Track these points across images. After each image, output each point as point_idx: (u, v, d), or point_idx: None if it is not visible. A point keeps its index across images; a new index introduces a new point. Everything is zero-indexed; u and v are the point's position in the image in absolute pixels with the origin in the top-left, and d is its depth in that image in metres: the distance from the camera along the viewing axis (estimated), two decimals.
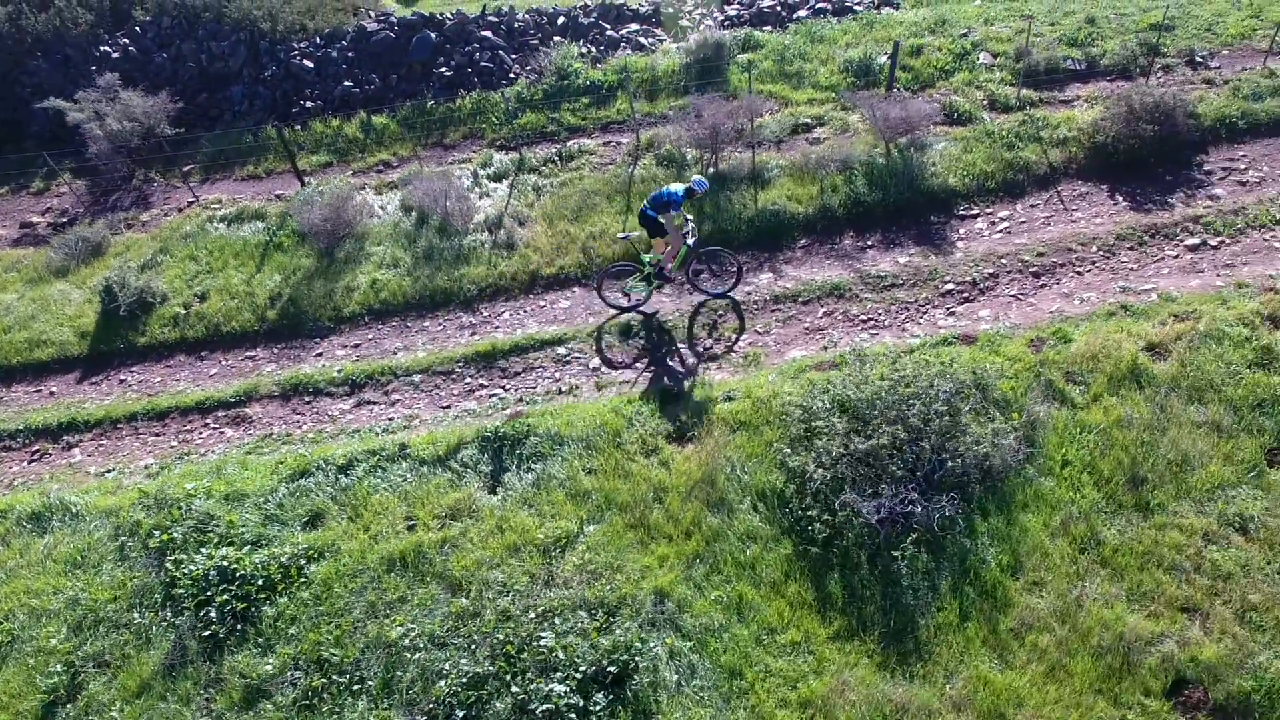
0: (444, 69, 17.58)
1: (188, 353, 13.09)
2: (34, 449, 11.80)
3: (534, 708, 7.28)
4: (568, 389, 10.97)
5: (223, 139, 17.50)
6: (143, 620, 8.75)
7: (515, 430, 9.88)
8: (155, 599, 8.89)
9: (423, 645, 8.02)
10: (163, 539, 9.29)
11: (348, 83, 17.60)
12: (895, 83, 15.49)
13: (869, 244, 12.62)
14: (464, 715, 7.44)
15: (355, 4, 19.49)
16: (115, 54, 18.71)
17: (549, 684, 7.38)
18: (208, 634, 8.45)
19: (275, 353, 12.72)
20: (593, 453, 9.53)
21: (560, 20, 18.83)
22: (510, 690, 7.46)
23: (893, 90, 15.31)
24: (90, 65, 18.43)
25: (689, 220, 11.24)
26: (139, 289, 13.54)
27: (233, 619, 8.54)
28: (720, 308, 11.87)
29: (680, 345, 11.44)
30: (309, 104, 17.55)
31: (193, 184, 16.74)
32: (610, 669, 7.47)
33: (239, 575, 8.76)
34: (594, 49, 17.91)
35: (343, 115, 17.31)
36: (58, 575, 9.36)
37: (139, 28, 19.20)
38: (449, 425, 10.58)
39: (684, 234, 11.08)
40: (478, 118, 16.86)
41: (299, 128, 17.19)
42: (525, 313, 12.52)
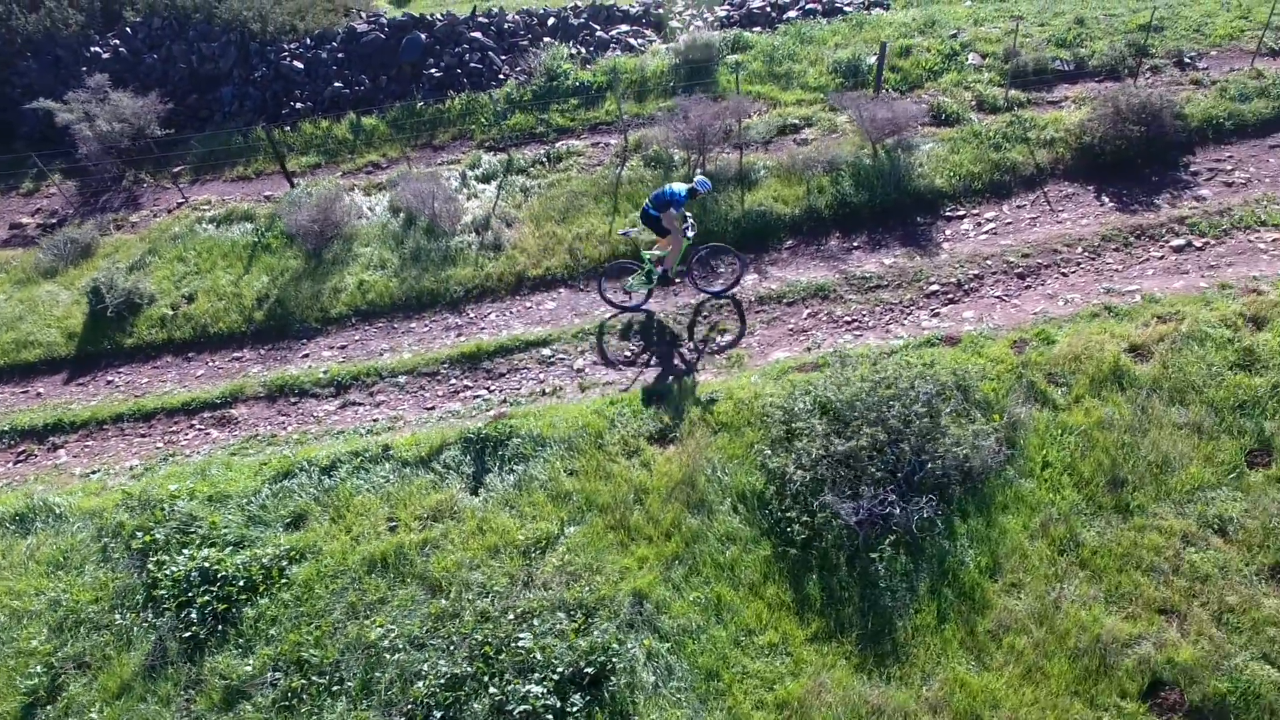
0: (434, 70, 17.58)
1: (175, 354, 13.10)
2: (19, 450, 11.80)
3: (511, 709, 7.30)
4: (552, 390, 10.98)
5: (212, 140, 17.49)
6: (124, 621, 8.77)
7: (498, 432, 9.89)
8: (137, 600, 8.91)
9: (402, 646, 8.04)
10: (145, 540, 9.30)
11: (338, 84, 17.60)
12: (883, 83, 15.50)
13: (855, 245, 12.63)
14: (442, 716, 7.46)
15: (346, 5, 19.47)
16: (105, 55, 18.71)
17: (526, 685, 7.39)
18: (188, 635, 8.48)
19: (262, 354, 12.73)
20: (574, 454, 9.53)
21: (550, 21, 18.83)
22: (488, 691, 7.48)
23: (880, 91, 15.32)
24: (80, 66, 18.42)
25: (689, 218, 11.27)
26: (127, 290, 13.54)
27: (213, 620, 8.56)
28: (720, 306, 11.88)
29: (679, 345, 11.44)
30: (299, 105, 17.55)
31: (182, 185, 16.74)
32: (588, 670, 7.49)
33: (220, 576, 8.78)
34: (584, 50, 17.91)
35: (332, 116, 17.31)
36: (40, 576, 9.37)
37: (129, 29, 19.19)
38: (433, 427, 10.59)
39: (684, 229, 11.13)
40: (467, 119, 16.86)
41: (289, 129, 17.19)
42: (511, 314, 12.53)
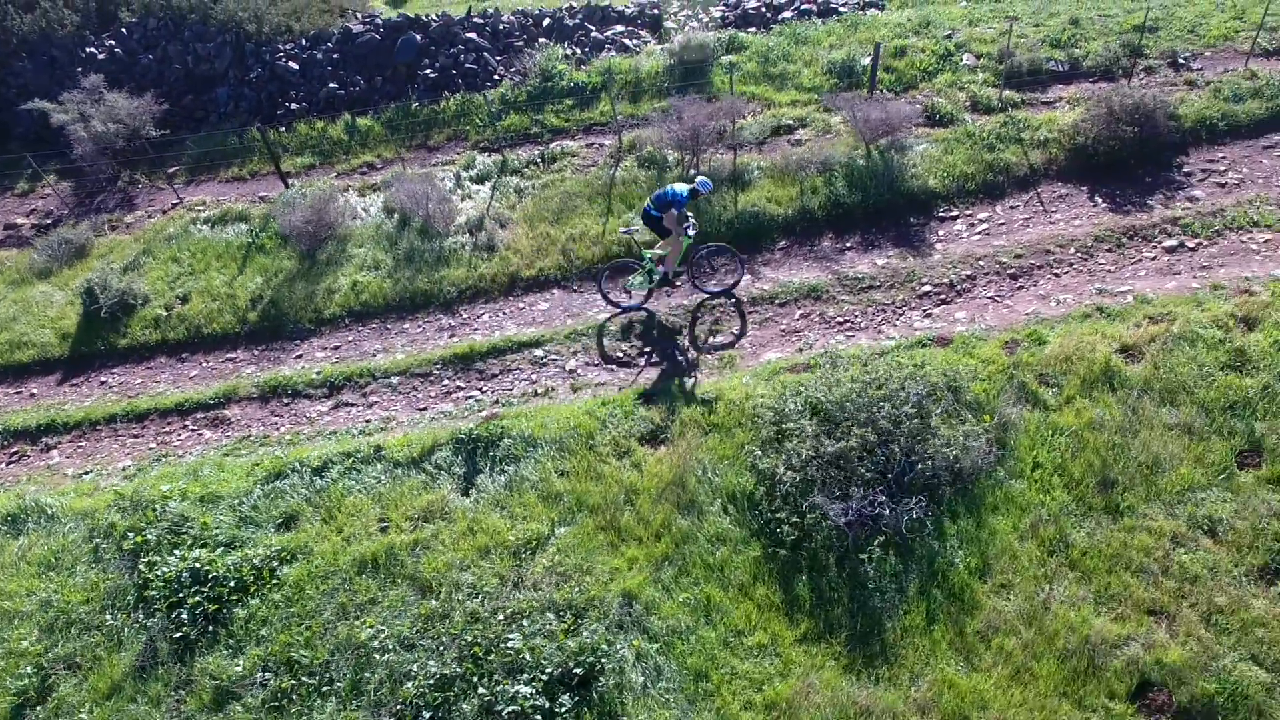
0: (429, 71, 17.58)
1: (168, 354, 13.10)
2: (12, 450, 11.80)
3: (500, 709, 7.31)
4: (544, 391, 10.98)
5: (207, 140, 17.49)
6: (115, 622, 8.77)
7: (489, 432, 9.89)
8: (128, 601, 8.91)
9: (392, 647, 8.05)
10: (137, 541, 9.30)
11: (333, 84, 17.60)
12: (878, 84, 15.50)
13: (848, 246, 12.63)
14: (431, 717, 7.47)
15: (341, 5, 19.48)
16: (101, 55, 18.70)
17: (515, 685, 7.40)
18: (179, 636, 8.49)
19: (255, 354, 12.73)
20: (566, 455, 9.54)
21: (545, 22, 18.82)
22: (477, 692, 7.49)
23: (875, 92, 15.32)
24: (76, 67, 18.41)
25: (690, 218, 11.28)
26: (121, 290, 13.54)
27: (204, 621, 8.57)
28: (718, 306, 11.87)
29: (677, 345, 11.44)
30: (294, 106, 17.55)
31: (177, 186, 16.74)
32: (577, 671, 7.50)
33: (211, 577, 8.79)
34: (579, 51, 17.91)
35: (327, 117, 17.31)
36: (31, 577, 9.37)
37: (125, 29, 19.18)
38: (425, 427, 10.59)
39: (685, 229, 11.14)
40: (462, 120, 16.86)
41: (284, 129, 17.20)
42: (504, 315, 12.53)
